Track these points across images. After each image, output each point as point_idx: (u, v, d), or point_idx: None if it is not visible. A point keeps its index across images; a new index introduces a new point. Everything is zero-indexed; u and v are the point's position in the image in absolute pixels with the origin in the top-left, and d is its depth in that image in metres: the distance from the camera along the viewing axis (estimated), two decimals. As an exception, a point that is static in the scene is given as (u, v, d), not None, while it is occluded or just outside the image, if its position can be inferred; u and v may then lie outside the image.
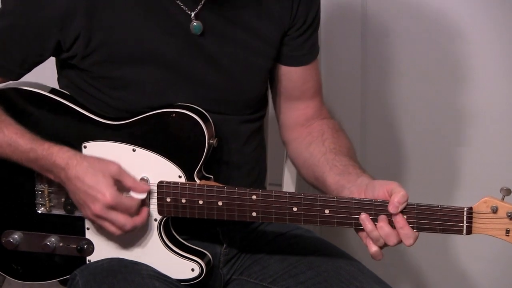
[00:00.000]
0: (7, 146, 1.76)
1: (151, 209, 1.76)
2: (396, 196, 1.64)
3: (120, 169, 1.73)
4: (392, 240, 1.65)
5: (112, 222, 1.72)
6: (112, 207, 1.70)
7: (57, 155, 1.73)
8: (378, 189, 1.67)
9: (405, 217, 1.64)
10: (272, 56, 1.88)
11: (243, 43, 1.82)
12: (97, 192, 1.69)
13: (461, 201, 1.66)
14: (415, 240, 1.65)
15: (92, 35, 1.74)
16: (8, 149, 1.76)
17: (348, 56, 2.56)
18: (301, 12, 1.87)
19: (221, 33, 1.80)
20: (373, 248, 1.67)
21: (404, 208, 1.64)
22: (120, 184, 1.73)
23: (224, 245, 1.90)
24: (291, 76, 1.93)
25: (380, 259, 1.68)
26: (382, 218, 1.65)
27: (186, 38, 1.77)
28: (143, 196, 1.74)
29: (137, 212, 1.73)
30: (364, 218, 1.66)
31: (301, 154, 1.93)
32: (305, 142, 1.92)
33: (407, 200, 1.64)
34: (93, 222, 1.77)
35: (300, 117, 1.96)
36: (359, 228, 1.68)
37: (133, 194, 1.74)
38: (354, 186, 1.72)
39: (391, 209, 1.64)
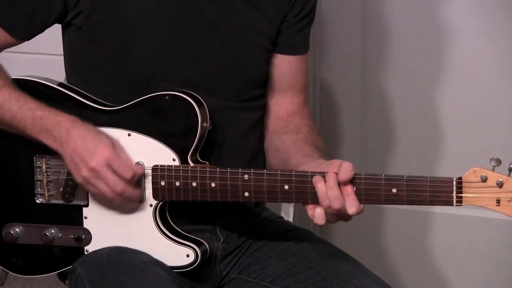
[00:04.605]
0: (15, 101, 1.78)
1: (146, 194, 1.77)
2: (343, 166, 1.64)
3: (119, 145, 1.75)
4: (336, 203, 1.64)
5: (105, 180, 1.72)
6: (109, 165, 1.71)
7: (64, 114, 1.76)
8: (330, 166, 1.68)
9: (355, 188, 1.65)
10: (272, 38, 1.90)
11: (247, 18, 1.84)
12: (96, 147, 1.71)
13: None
14: (358, 211, 1.65)
15: None
16: (15, 105, 1.78)
17: (348, 56, 2.58)
18: None
19: (226, 3, 1.82)
20: (317, 209, 1.67)
21: (386, 180, 1.64)
22: None
23: (221, 240, 1.89)
24: (282, 66, 1.94)
25: (321, 223, 1.67)
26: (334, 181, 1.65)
27: (190, 3, 1.80)
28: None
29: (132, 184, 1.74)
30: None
31: (274, 143, 1.93)
32: (279, 133, 1.93)
33: (352, 168, 1.64)
34: (84, 183, 1.76)
35: (282, 112, 1.96)
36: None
37: None
38: (311, 163, 1.73)
39: (340, 177, 1.64)
